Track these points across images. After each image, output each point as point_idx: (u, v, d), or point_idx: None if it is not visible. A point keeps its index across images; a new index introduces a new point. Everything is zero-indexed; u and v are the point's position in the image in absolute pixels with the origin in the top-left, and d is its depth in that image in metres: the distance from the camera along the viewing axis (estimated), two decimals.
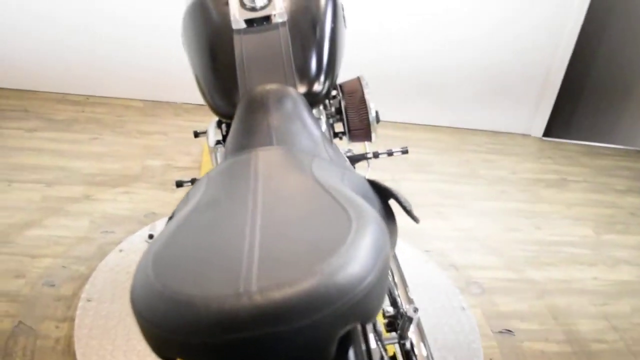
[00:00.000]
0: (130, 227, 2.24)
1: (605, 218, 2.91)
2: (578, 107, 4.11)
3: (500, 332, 2.03)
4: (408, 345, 1.30)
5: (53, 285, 1.92)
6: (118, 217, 2.32)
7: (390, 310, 1.28)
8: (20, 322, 1.77)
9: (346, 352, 0.65)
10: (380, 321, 1.30)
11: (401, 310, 1.26)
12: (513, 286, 2.27)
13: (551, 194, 3.04)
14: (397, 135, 3.50)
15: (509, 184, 3.06)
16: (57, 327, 1.77)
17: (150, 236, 2.13)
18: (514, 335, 2.02)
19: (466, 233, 2.56)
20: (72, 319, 1.78)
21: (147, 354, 1.60)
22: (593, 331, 2.11)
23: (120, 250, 2.01)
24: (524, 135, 3.77)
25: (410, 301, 1.29)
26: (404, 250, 2.26)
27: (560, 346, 2.01)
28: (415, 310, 1.29)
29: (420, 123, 3.70)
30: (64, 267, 2.01)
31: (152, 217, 2.36)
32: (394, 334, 1.29)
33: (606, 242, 2.70)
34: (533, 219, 2.76)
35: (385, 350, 1.13)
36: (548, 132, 3.80)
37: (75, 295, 1.87)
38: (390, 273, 1.53)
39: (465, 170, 3.15)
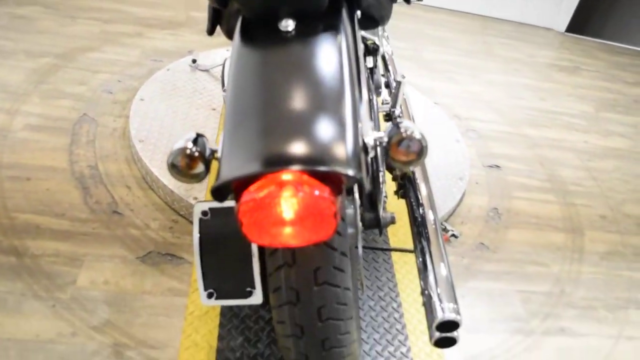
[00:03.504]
0: (176, 59, 2.50)
1: (608, 101, 3.05)
2: (603, 6, 4.12)
3: (489, 166, 2.27)
4: (397, 111, 1.53)
5: (111, 93, 2.22)
6: (166, 51, 2.59)
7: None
8: (84, 113, 2.08)
9: None
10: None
11: (391, 77, 1.49)
12: (508, 137, 2.49)
13: (561, 76, 3.18)
14: (423, 16, 3.62)
15: (522, 64, 3.20)
16: (114, 120, 2.08)
17: (194, 60, 2.38)
18: (501, 169, 2.26)
19: (474, 95, 2.75)
20: (127, 116, 2.08)
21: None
22: (573, 177, 2.33)
23: (168, 69, 2.28)
24: (547, 28, 3.84)
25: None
26: (414, 96, 2.48)
27: (540, 183, 2.24)
28: (403, 76, 1.52)
29: (447, 7, 3.80)
30: (119, 81, 2.30)
31: (194, 54, 2.62)
32: (387, 99, 1.52)
33: (604, 118, 2.86)
34: (538, 92, 2.92)
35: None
36: (571, 28, 3.86)
37: (129, 101, 2.17)
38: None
39: (482, 48, 3.29)
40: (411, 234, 1.20)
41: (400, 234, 1.70)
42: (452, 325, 0.99)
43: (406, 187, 1.38)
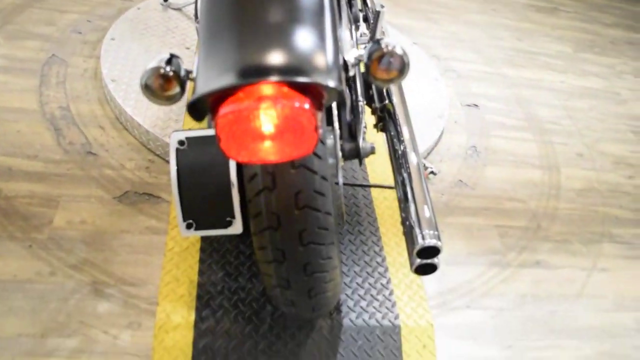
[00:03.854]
0: None
1: (585, 42, 3.03)
2: None
3: (468, 105, 2.25)
4: (378, 35, 1.49)
5: (80, 33, 2.12)
6: None
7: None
8: (53, 54, 1.99)
9: None
10: None
11: (369, 6, 1.44)
12: (487, 77, 2.46)
13: (539, 17, 3.13)
14: None
15: (501, 5, 3.14)
16: (84, 61, 1.99)
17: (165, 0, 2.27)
18: (479, 108, 2.25)
19: (452, 35, 2.70)
20: (98, 57, 1.99)
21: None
22: (551, 116, 2.33)
23: (138, 8, 2.18)
24: None
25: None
26: (392, 35, 2.42)
27: (518, 122, 2.24)
28: (382, 6, 1.47)
29: None
30: (88, 21, 2.20)
31: None
32: (366, 32, 1.48)
33: (581, 58, 2.85)
34: (516, 32, 2.88)
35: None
36: None
37: (100, 41, 2.07)
38: None
39: None
40: (391, 167, 1.19)
41: (379, 170, 1.69)
42: (432, 251, 0.99)
43: (386, 120, 1.36)
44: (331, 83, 0.63)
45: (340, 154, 1.10)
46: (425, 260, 0.97)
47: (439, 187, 1.82)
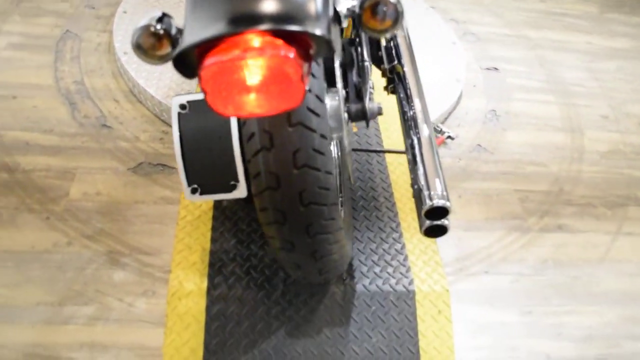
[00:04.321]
0: None
1: (613, 1, 2.88)
2: None
3: (487, 68, 2.17)
4: None
5: (93, 8, 2.11)
6: None
7: None
8: (67, 30, 1.98)
9: None
10: None
11: None
12: (507, 40, 2.37)
13: None
14: None
15: None
16: (98, 35, 1.98)
17: None
18: (499, 72, 2.17)
19: None
20: (111, 31, 1.98)
21: None
22: (575, 78, 2.23)
23: None
24: None
25: None
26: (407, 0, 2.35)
27: (540, 84, 2.15)
28: None
29: None
30: None
31: None
32: None
33: (608, 19, 2.71)
34: None
35: None
36: None
37: (112, 16, 2.06)
38: None
39: None
40: (401, 130, 1.15)
41: (394, 136, 1.65)
42: (441, 212, 0.95)
43: (395, 82, 1.31)
44: (318, 31, 0.60)
45: (345, 115, 1.06)
46: (434, 222, 0.94)
47: (456, 152, 1.77)
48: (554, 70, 2.24)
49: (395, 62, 1.35)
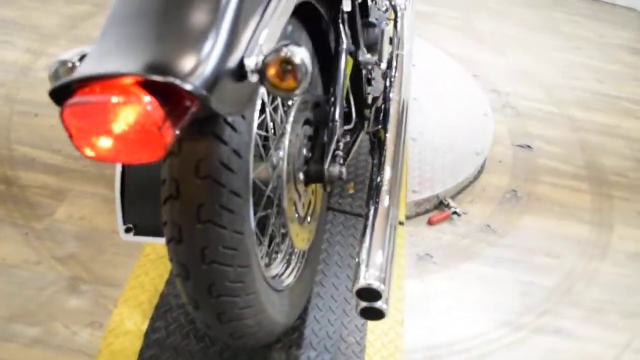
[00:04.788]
0: None
1: None
2: None
3: (520, 145, 2.06)
4: (384, 66, 1.40)
5: None
6: None
7: None
8: None
9: None
10: None
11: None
12: (550, 117, 2.24)
13: (633, 60, 2.82)
14: None
15: (588, 43, 2.88)
16: None
17: None
18: (532, 150, 2.05)
19: (521, 71, 2.50)
20: None
21: None
22: (617, 166, 2.06)
23: None
24: (629, 8, 3.43)
25: None
26: (444, 61, 2.30)
27: (575, 169, 2.01)
28: (386, 23, 1.38)
29: None
30: None
31: None
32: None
33: None
34: (598, 74, 2.61)
35: None
36: None
37: None
38: None
39: (546, 24, 2.99)
40: (366, 195, 1.11)
41: None
42: (373, 294, 0.89)
43: (374, 145, 1.27)
44: (188, 86, 0.58)
45: (301, 176, 1.03)
46: (367, 303, 0.88)
47: (461, 230, 1.66)
48: (595, 156, 2.09)
49: (380, 126, 1.31)
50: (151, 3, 0.67)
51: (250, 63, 0.68)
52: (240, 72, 0.67)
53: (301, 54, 0.67)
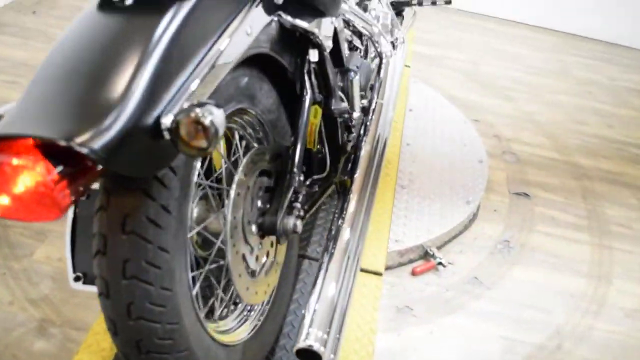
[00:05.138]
0: None
1: None
2: None
3: (517, 193, 2.01)
4: (357, 115, 1.39)
5: None
6: None
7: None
8: None
9: None
10: None
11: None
12: (552, 164, 2.19)
13: None
14: (495, 29, 3.36)
15: (598, 87, 2.83)
16: None
17: None
18: (530, 199, 2.00)
19: (527, 115, 2.47)
20: None
21: None
22: (622, 217, 1.99)
23: None
24: None
25: None
26: (444, 105, 2.28)
27: (575, 219, 1.95)
28: (355, 72, 1.35)
29: (525, 22, 3.48)
30: None
31: None
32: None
33: None
34: (608, 119, 2.56)
35: None
36: None
37: None
38: None
39: (556, 67, 2.96)
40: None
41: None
42: (315, 357, 0.87)
43: (338, 195, 1.26)
44: (84, 149, 0.59)
45: (254, 228, 1.03)
46: None
47: (446, 282, 1.62)
48: (598, 205, 2.02)
49: (347, 177, 1.30)
50: (72, 63, 0.69)
51: (167, 121, 0.68)
52: (155, 131, 0.68)
53: (212, 115, 0.68)
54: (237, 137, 1.10)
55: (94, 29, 0.73)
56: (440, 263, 1.62)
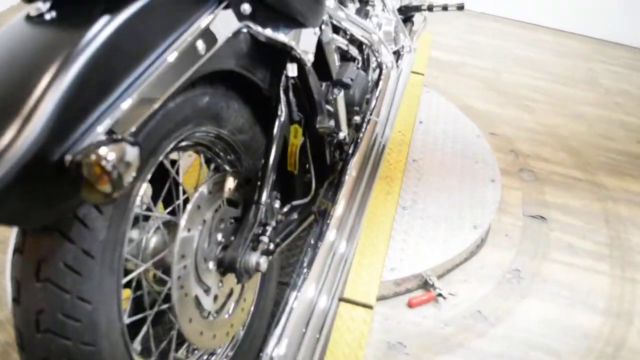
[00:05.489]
0: None
1: None
2: None
3: (532, 216, 1.86)
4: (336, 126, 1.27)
5: None
6: None
7: None
8: None
9: None
10: None
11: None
12: (573, 184, 2.03)
13: None
14: (518, 34, 3.18)
15: (628, 98, 2.64)
16: None
17: None
18: (546, 223, 1.85)
19: (548, 129, 2.31)
20: None
21: None
22: None
23: None
24: None
25: None
26: (458, 117, 2.14)
27: (595, 246, 1.79)
28: (334, 87, 1.23)
29: (548, 26, 3.30)
30: None
31: None
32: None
33: None
34: (637, 134, 2.37)
35: None
36: None
37: None
38: None
39: (583, 76, 2.78)
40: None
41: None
42: None
43: (316, 224, 1.15)
44: None
45: (211, 265, 0.93)
46: None
47: (445, 315, 1.49)
48: (621, 232, 1.86)
49: (329, 202, 1.18)
50: None
51: (68, 159, 0.59)
52: (58, 170, 0.58)
53: (121, 155, 0.58)
54: (202, 161, 1.00)
55: (13, 41, 0.64)
56: (440, 295, 1.50)
